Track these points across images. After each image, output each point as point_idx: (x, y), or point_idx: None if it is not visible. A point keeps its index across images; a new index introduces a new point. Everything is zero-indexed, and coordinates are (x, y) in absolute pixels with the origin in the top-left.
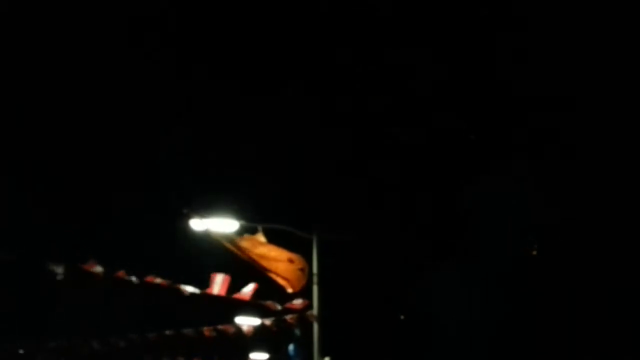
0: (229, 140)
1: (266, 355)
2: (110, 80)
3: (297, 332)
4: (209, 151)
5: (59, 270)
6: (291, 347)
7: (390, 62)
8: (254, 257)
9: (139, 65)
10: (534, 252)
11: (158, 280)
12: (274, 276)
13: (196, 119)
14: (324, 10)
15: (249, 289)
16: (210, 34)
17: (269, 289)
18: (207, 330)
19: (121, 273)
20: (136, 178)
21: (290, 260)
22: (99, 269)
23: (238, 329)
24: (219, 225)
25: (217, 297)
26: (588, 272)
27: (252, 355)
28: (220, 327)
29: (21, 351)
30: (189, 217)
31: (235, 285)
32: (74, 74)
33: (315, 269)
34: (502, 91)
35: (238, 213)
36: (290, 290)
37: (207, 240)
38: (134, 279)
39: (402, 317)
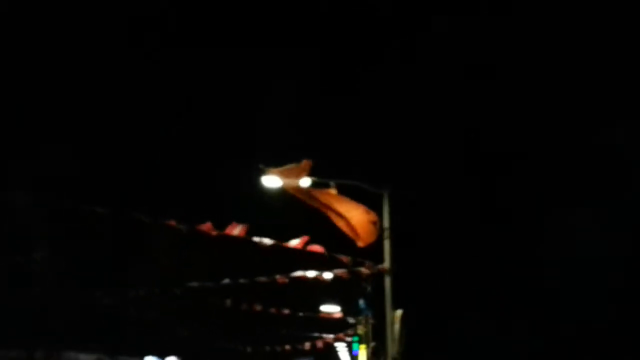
0: (299, 100)
1: (337, 308)
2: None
3: (368, 286)
4: (283, 109)
5: (145, 222)
6: (361, 301)
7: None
8: (329, 209)
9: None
10: None
11: (236, 231)
12: (346, 229)
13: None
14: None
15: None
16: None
17: (341, 242)
18: (280, 278)
19: (203, 227)
20: (213, 138)
21: (364, 214)
22: (181, 225)
23: (311, 277)
24: (295, 179)
25: (293, 250)
26: None
27: (323, 307)
28: (293, 274)
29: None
30: (263, 173)
31: (309, 240)
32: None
33: (386, 224)
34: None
35: (312, 169)
36: (361, 243)
37: (282, 195)
38: (213, 232)
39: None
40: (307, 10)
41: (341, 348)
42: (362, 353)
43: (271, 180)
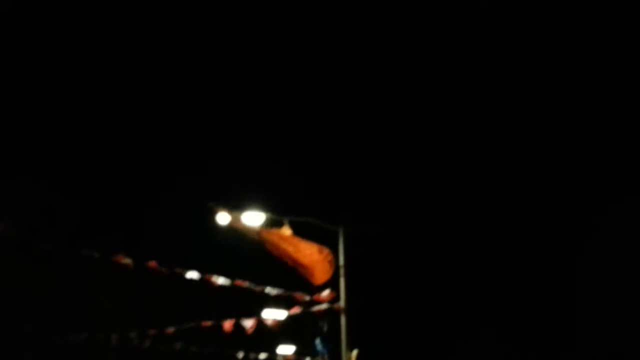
0: (253, 134)
1: (293, 348)
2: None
3: (324, 325)
4: (234, 144)
5: (94, 258)
6: (317, 340)
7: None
8: (281, 249)
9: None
10: None
11: (188, 272)
12: (300, 268)
13: (217, 111)
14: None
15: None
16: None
17: (296, 281)
18: (228, 324)
19: (152, 263)
20: (162, 173)
21: (318, 252)
22: (129, 260)
23: (261, 322)
24: (246, 218)
25: (246, 289)
26: None
27: (279, 348)
28: (242, 320)
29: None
30: (215, 210)
31: (263, 279)
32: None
33: (341, 261)
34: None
35: (264, 206)
36: (317, 282)
37: (234, 234)
38: (164, 269)
39: None
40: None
41: None
42: None
43: (224, 218)
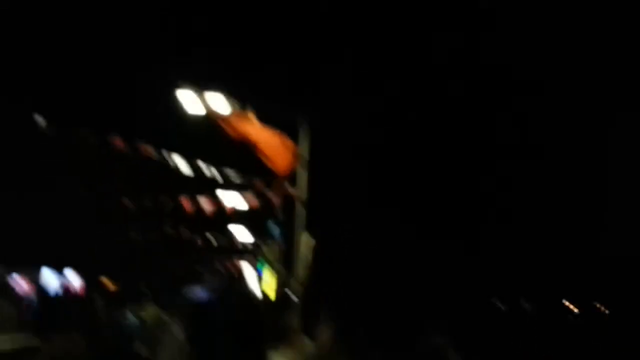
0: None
1: (246, 231)
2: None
3: (280, 212)
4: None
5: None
6: (270, 222)
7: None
8: (245, 134)
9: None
10: None
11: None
12: (263, 157)
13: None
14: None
15: None
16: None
17: (257, 169)
18: (185, 201)
19: (144, 147)
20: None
21: (282, 143)
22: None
23: (220, 205)
24: (211, 100)
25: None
26: None
27: (230, 226)
28: (200, 199)
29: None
30: (180, 88)
31: (222, 161)
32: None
33: (304, 153)
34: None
35: (230, 92)
36: (279, 170)
37: (198, 115)
38: (153, 152)
39: None
40: None
41: (248, 268)
42: (267, 273)
43: (189, 98)
